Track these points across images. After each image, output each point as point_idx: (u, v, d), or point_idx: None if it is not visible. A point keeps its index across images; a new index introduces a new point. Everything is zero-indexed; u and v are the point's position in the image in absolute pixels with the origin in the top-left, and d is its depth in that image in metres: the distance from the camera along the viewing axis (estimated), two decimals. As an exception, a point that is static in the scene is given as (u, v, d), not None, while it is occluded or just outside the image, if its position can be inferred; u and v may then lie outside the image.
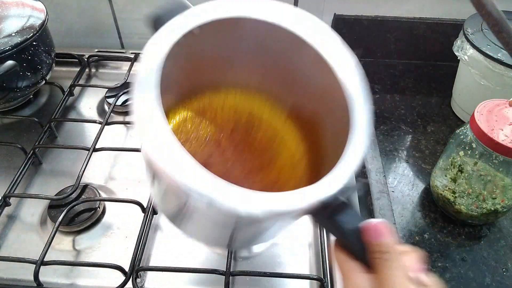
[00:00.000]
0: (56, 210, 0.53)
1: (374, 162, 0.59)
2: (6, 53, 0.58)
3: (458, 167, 0.50)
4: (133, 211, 0.54)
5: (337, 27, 0.78)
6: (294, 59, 0.37)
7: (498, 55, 0.58)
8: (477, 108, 0.48)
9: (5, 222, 0.53)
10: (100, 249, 0.51)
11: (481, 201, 0.50)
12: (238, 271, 0.48)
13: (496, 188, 0.49)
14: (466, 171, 0.50)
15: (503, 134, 0.45)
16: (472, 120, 0.47)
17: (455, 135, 0.52)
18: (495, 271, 0.49)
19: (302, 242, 0.52)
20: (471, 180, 0.50)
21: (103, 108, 0.71)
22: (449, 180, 0.52)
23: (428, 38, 0.78)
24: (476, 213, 0.51)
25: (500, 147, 0.44)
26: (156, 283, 0.48)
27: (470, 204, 0.51)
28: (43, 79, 0.67)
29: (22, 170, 0.57)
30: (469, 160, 0.49)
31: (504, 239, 0.52)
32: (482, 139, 0.46)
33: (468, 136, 0.49)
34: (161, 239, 0.52)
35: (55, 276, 0.48)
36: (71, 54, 0.77)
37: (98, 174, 0.59)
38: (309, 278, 0.48)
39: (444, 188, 0.54)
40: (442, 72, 0.53)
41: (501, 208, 0.50)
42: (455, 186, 0.52)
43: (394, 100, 0.72)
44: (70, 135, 0.66)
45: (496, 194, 0.49)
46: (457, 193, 0.52)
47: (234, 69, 0.40)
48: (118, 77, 0.75)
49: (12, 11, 0.63)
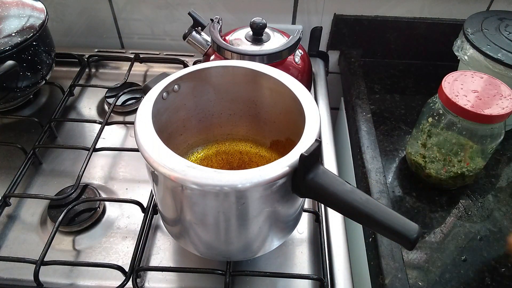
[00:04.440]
0: (56, 210, 0.53)
1: (374, 162, 0.59)
2: (6, 53, 0.58)
3: (427, 132, 0.54)
4: (133, 211, 0.54)
5: (337, 27, 0.78)
6: (258, 90, 0.48)
7: (498, 55, 0.58)
8: (446, 77, 0.52)
9: (5, 222, 0.53)
10: (100, 249, 0.51)
11: (448, 165, 0.53)
12: (238, 271, 0.48)
13: (461, 151, 0.52)
14: (434, 136, 0.53)
15: (466, 99, 0.49)
16: (440, 88, 0.51)
17: (426, 104, 0.55)
18: (495, 271, 0.49)
19: (302, 242, 0.52)
20: (439, 144, 0.53)
21: (103, 108, 0.71)
22: (419, 146, 0.56)
23: (428, 38, 0.78)
24: (445, 177, 0.55)
25: (463, 112, 0.48)
26: (156, 283, 0.48)
27: (440, 169, 0.54)
28: (43, 79, 0.67)
29: (22, 170, 0.57)
30: (437, 125, 0.53)
31: (504, 239, 0.52)
32: (447, 104, 0.50)
33: (436, 103, 0.53)
34: (161, 239, 0.52)
35: (55, 276, 0.48)
36: (71, 54, 0.77)
37: (98, 174, 0.59)
38: (309, 278, 0.48)
39: (416, 153, 0.57)
40: (442, 72, 0.54)
41: (467, 171, 0.54)
42: (425, 151, 0.55)
43: (394, 100, 0.72)
44: (70, 135, 0.66)
45: (461, 157, 0.52)
46: (427, 157, 0.55)
47: (215, 120, 0.52)
48: (118, 77, 0.76)
49: (12, 11, 0.63)
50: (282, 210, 0.40)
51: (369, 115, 0.67)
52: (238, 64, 0.46)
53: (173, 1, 0.77)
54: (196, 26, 0.64)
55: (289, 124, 0.46)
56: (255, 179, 0.34)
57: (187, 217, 0.40)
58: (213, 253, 0.45)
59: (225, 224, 0.39)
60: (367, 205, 0.34)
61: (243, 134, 0.54)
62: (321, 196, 0.36)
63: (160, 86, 0.43)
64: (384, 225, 0.33)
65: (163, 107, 0.44)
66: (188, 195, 0.37)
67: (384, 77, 0.77)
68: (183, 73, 0.45)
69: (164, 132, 0.46)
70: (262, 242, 0.43)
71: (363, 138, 0.63)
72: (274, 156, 0.52)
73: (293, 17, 0.78)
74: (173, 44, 0.83)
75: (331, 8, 0.76)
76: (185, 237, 0.44)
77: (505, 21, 0.65)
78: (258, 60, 0.57)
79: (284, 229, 0.45)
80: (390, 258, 0.48)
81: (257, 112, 0.51)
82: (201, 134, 0.52)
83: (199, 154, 0.53)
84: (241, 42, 0.61)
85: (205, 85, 0.48)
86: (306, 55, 0.66)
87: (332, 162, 0.62)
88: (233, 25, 0.67)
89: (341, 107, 0.82)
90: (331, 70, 0.85)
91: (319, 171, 0.35)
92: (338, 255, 0.50)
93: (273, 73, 0.45)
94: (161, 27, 0.81)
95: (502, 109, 0.48)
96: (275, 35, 0.63)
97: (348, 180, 0.36)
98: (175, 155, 0.36)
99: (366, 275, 0.52)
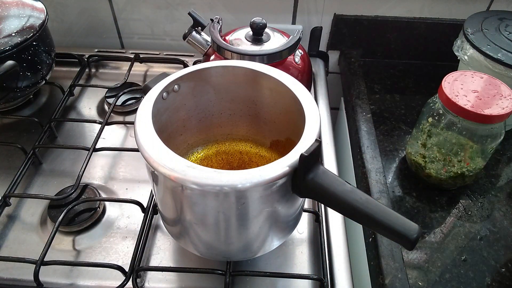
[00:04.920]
0: (56, 210, 0.53)
1: (374, 162, 0.59)
2: (6, 53, 0.58)
3: (427, 132, 0.54)
4: (133, 211, 0.54)
5: (337, 27, 0.78)
6: (258, 90, 0.48)
7: (498, 55, 0.58)
8: (445, 77, 0.52)
9: (5, 222, 0.53)
10: (100, 249, 0.51)
11: (448, 165, 0.53)
12: (238, 271, 0.48)
13: (461, 151, 0.52)
14: (434, 136, 0.53)
15: (466, 99, 0.49)
16: (440, 88, 0.51)
17: (426, 104, 0.55)
18: (495, 271, 0.49)
19: (302, 242, 0.52)
20: (439, 144, 0.53)
21: (103, 108, 0.71)
22: (419, 146, 0.56)
23: (428, 38, 0.78)
24: (445, 177, 0.55)
25: (463, 112, 0.48)
26: (156, 283, 0.48)
27: (440, 169, 0.54)
28: (43, 79, 0.67)
29: (22, 170, 0.57)
30: (437, 125, 0.53)
31: (504, 239, 0.52)
32: (447, 104, 0.50)
33: (436, 103, 0.53)
34: (161, 239, 0.52)
35: (55, 276, 0.48)
36: (71, 54, 0.77)
37: (98, 174, 0.59)
38: (309, 278, 0.48)
39: (416, 153, 0.57)
40: (442, 72, 0.54)
41: (467, 171, 0.54)
42: (425, 151, 0.55)
43: (394, 100, 0.72)
44: (70, 135, 0.66)
45: (461, 157, 0.52)
46: (427, 157, 0.55)
47: (215, 120, 0.52)
48: (118, 77, 0.76)
49: (12, 11, 0.63)
50: (282, 210, 0.40)
51: (369, 115, 0.67)
52: (238, 64, 0.46)
53: (173, 1, 0.77)
54: (196, 26, 0.64)
55: (289, 124, 0.46)
56: (255, 179, 0.34)
57: (187, 217, 0.40)
58: (213, 253, 0.45)
59: (225, 224, 0.39)
60: (367, 205, 0.34)
61: (243, 134, 0.54)
62: (321, 196, 0.36)
63: (160, 86, 0.43)
64: (384, 225, 0.33)
65: (163, 107, 0.44)
66: (188, 195, 0.37)
67: (384, 77, 0.77)
68: (183, 73, 0.45)
69: (164, 132, 0.46)
70: (262, 242, 0.43)
71: (363, 138, 0.63)
72: (274, 156, 0.52)
73: (293, 17, 0.78)
74: (173, 44, 0.83)
75: (331, 8, 0.76)
76: (185, 237, 0.44)
77: (505, 21, 0.65)
78: (258, 60, 0.57)
79: (284, 229, 0.45)
80: (390, 258, 0.48)
81: (257, 112, 0.51)
82: (201, 134, 0.53)
83: (199, 154, 0.53)
84: (241, 42, 0.61)
85: (205, 85, 0.48)
86: (306, 55, 0.66)
87: (332, 162, 0.62)
88: (233, 25, 0.67)
89: (341, 107, 0.82)
90: (331, 70, 0.85)
91: (319, 171, 0.35)
92: (338, 255, 0.50)
93: (273, 73, 0.45)
94: (161, 27, 0.81)
95: (502, 109, 0.48)
96: (275, 35, 0.63)
97: (348, 180, 0.36)
98: (175, 155, 0.36)
99: (366, 275, 0.52)
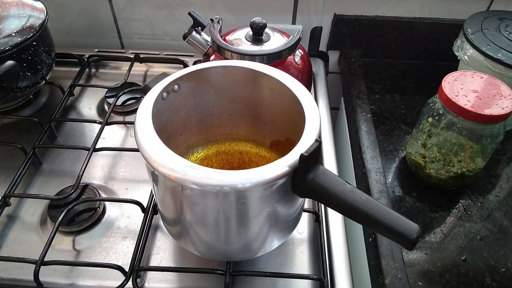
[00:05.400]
0: (56, 210, 0.53)
1: (374, 162, 0.59)
2: (6, 53, 0.58)
3: (427, 132, 0.54)
4: (133, 211, 0.54)
5: (337, 27, 0.78)
6: (258, 90, 0.48)
7: (498, 55, 0.58)
8: (445, 77, 0.52)
9: (5, 222, 0.53)
10: (100, 249, 0.51)
11: (448, 165, 0.53)
12: (238, 271, 0.48)
13: (461, 151, 0.52)
14: (434, 136, 0.53)
15: (466, 99, 0.49)
16: (440, 88, 0.51)
17: (426, 104, 0.55)
18: (495, 271, 0.49)
19: (302, 242, 0.52)
20: (439, 144, 0.53)
21: (103, 108, 0.71)
22: (419, 146, 0.56)
23: (428, 38, 0.78)
24: (445, 177, 0.55)
25: (463, 112, 0.48)
26: (156, 283, 0.48)
27: (440, 169, 0.54)
28: (43, 79, 0.67)
29: (22, 170, 0.57)
30: (437, 125, 0.53)
31: (504, 239, 0.52)
32: (447, 104, 0.50)
33: (436, 103, 0.53)
34: (161, 239, 0.52)
35: (55, 276, 0.48)
36: (71, 54, 0.77)
37: (98, 174, 0.59)
38: (309, 278, 0.48)
39: (416, 153, 0.57)
40: (442, 72, 0.54)
41: (467, 171, 0.54)
42: (425, 151, 0.55)
43: (394, 100, 0.72)
44: (70, 135, 0.66)
45: (461, 157, 0.52)
46: (427, 157, 0.55)
47: (215, 120, 0.52)
48: (118, 77, 0.76)
49: (12, 11, 0.63)
50: (282, 210, 0.40)
51: (369, 115, 0.67)
52: (238, 64, 0.46)
53: (173, 1, 0.77)
54: (196, 26, 0.64)
55: (289, 124, 0.46)
56: (255, 179, 0.34)
57: (187, 217, 0.40)
58: (213, 253, 0.45)
59: (225, 224, 0.39)
60: (367, 205, 0.34)
61: (243, 134, 0.54)
62: (321, 196, 0.36)
63: (160, 86, 0.43)
64: (384, 225, 0.33)
65: (163, 107, 0.44)
66: (188, 195, 0.37)
67: (384, 77, 0.77)
68: (183, 73, 0.45)
69: (164, 132, 0.46)
70: (262, 242, 0.43)
71: (363, 138, 0.63)
72: (274, 156, 0.52)
73: (293, 17, 0.78)
74: (173, 44, 0.83)
75: (331, 8, 0.76)
76: (185, 237, 0.44)
77: (505, 21, 0.65)
78: (258, 60, 0.57)
79: (284, 229, 0.45)
80: (390, 258, 0.48)
81: (257, 112, 0.51)
82: (201, 134, 0.53)
83: (199, 154, 0.53)
84: (241, 42, 0.61)
85: (205, 85, 0.48)
86: (306, 55, 0.66)
87: (332, 162, 0.62)
88: (233, 25, 0.67)
89: (341, 107, 0.82)
90: (331, 70, 0.85)
91: (319, 171, 0.35)
92: (338, 255, 0.50)
93: (273, 73, 0.45)
94: (161, 27, 0.81)
95: (502, 109, 0.48)
96: (275, 35, 0.63)
97: (348, 180, 0.36)
98: (175, 155, 0.36)
99: (366, 275, 0.52)
